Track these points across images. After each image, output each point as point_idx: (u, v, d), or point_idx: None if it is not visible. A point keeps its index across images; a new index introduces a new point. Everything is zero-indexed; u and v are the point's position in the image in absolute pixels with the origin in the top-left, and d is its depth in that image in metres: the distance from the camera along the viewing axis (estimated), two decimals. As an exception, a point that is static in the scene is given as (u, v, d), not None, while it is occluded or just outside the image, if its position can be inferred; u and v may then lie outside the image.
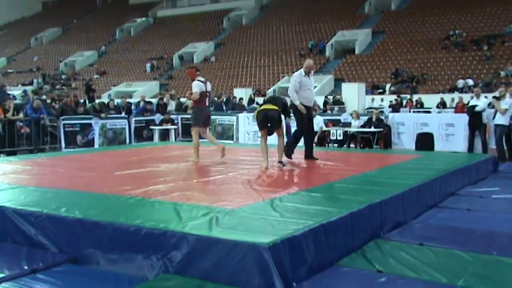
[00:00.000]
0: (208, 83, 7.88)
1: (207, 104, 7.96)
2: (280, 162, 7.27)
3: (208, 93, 7.86)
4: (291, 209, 4.35)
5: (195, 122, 7.89)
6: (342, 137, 12.70)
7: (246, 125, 15.36)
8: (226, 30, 41.50)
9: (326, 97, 23.58)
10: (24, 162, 7.77)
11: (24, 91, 28.56)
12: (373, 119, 13.03)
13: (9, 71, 42.68)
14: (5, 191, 5.30)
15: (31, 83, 36.10)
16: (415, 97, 23.72)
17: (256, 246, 3.32)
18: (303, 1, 39.92)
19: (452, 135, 12.46)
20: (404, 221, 5.09)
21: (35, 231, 4.24)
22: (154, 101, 17.90)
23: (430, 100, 23.04)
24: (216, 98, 20.60)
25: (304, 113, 7.78)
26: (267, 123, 7.05)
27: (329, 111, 19.73)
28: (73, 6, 54.46)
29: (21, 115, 12.61)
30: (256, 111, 7.31)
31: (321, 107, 20.24)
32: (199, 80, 7.67)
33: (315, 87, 26.32)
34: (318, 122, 13.32)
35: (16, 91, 28.77)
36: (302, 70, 7.98)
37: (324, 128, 13.23)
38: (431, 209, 5.72)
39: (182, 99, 18.81)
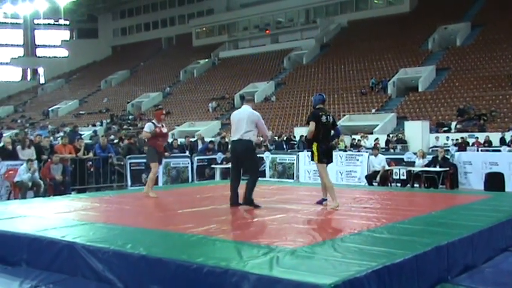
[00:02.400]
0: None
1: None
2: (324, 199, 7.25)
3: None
4: (352, 250, 4.26)
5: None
6: (405, 177, 12.36)
7: (307, 163, 15.31)
8: (286, 70, 42.04)
9: (388, 135, 23.16)
10: (92, 200, 8.09)
11: (94, 131, 30.05)
12: (439, 158, 12.63)
13: (81, 112, 45.02)
14: (75, 227, 5.54)
15: (100, 124, 37.86)
16: (483, 135, 22.82)
17: (317, 287, 3.27)
18: (364, 39, 39.95)
19: (524, 175, 11.85)
20: (474, 265, 4.84)
21: (103, 266, 4.37)
22: (216, 140, 18.25)
23: (498, 138, 22.09)
24: (276, 137, 20.74)
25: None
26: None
27: (391, 150, 19.33)
28: (140, 49, 57.20)
29: (91, 154, 13.22)
30: (317, 144, 7.04)
31: (383, 145, 19.88)
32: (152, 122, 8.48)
33: (377, 125, 25.95)
34: (380, 161, 13.10)
35: (87, 131, 30.34)
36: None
37: (387, 167, 12.96)
38: (502, 252, 5.42)
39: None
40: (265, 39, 48.69)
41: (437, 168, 12.28)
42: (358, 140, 20.83)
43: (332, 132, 7.33)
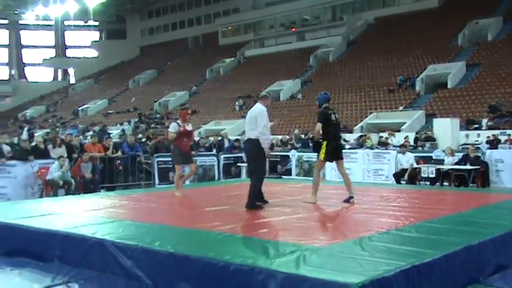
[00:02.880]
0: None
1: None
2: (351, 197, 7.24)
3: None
4: (380, 249, 4.22)
5: None
6: (434, 175, 12.16)
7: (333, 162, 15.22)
8: (312, 68, 41.82)
9: (417, 133, 22.82)
10: (121, 197, 8.22)
11: (122, 130, 30.49)
12: (470, 156, 12.39)
13: (109, 111, 45.69)
14: (105, 224, 5.63)
15: (128, 123, 38.37)
16: (515, 132, 22.27)
17: (345, 286, 3.25)
18: (391, 35, 39.43)
19: (559, 173, 11.54)
20: (506, 265, 4.73)
21: (131, 263, 4.44)
22: (241, 138, 18.31)
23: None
24: (303, 135, 20.66)
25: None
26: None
27: (420, 148, 19.05)
28: (167, 49, 57.72)
29: (119, 153, 13.42)
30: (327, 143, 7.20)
31: (411, 143, 19.60)
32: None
33: (405, 123, 25.58)
34: (408, 159, 12.92)
35: (115, 130, 30.79)
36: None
37: (415, 165, 12.78)
38: (536, 253, 5.28)
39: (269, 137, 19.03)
40: (291, 37, 48.51)
41: (468, 166, 12.05)
42: (386, 138, 20.59)
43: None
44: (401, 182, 12.55)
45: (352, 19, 45.77)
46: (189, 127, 8.63)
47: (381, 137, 20.71)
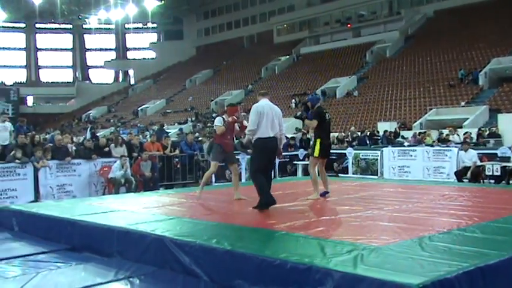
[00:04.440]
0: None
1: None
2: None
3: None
4: (441, 249, 4.09)
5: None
6: (499, 173, 11.66)
7: (391, 159, 14.90)
8: (369, 64, 41.09)
9: (480, 129, 21.94)
10: (179, 195, 8.39)
11: (180, 129, 31.14)
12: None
13: (167, 111, 46.81)
14: (164, 221, 5.78)
15: (185, 122, 39.15)
16: None
17: (405, 286, 3.17)
18: (452, 29, 38.09)
19: None
20: None
21: (189, 260, 4.52)
22: (297, 136, 18.26)
23: None
24: (359, 133, 20.35)
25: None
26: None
27: (483, 145, 18.30)
28: (223, 49, 58.45)
29: (177, 151, 13.71)
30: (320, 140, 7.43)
31: (474, 139, 18.86)
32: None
33: (467, 118, 24.64)
34: (471, 157, 12.45)
35: (173, 129, 31.51)
36: None
37: (478, 163, 12.29)
38: None
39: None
40: (346, 34, 47.87)
41: (537, 164, 11.48)
42: (447, 135, 19.92)
43: None
44: (464, 180, 12.11)
45: (411, 13, 44.61)
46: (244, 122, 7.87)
47: (441, 133, 20.06)
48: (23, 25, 63.05)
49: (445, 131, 20.65)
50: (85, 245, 5.64)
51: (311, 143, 8.06)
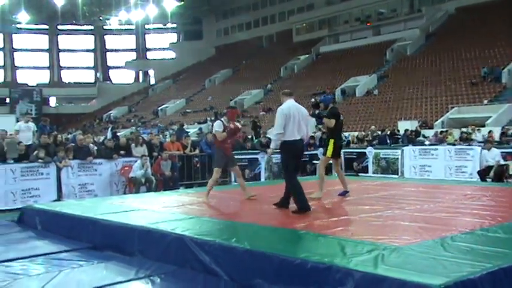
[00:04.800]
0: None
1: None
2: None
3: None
4: (464, 250, 4.04)
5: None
6: (523, 172, 11.45)
7: (412, 158, 14.74)
8: (389, 62, 40.70)
9: (503, 128, 21.57)
10: (199, 195, 8.43)
11: (200, 129, 31.29)
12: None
13: (187, 110, 47.04)
14: (184, 220, 5.81)
15: (205, 121, 39.30)
16: None
17: (426, 287, 3.14)
18: (474, 26, 37.50)
19: None
20: None
21: (209, 259, 4.54)
22: (316, 135, 18.18)
23: None
24: (379, 132, 20.19)
25: None
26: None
27: (507, 144, 17.97)
28: (242, 48, 58.49)
29: (197, 151, 13.76)
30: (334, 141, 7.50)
31: (496, 138, 18.55)
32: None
33: (490, 117, 24.25)
34: (495, 156, 12.24)
35: (192, 129, 31.67)
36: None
37: (502, 162, 12.08)
38: None
39: (345, 134, 18.79)
40: (366, 32, 47.47)
41: (562, 163, 11.24)
42: (469, 133, 19.63)
43: None
44: (487, 179, 11.91)
45: (432, 10, 44.03)
46: (238, 124, 7.94)
47: (463, 132, 19.78)
48: (45, 27, 64.00)
49: (467, 130, 20.37)
50: (106, 244, 5.70)
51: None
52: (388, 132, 20.79)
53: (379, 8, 47.97)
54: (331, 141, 7.56)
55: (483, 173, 12.23)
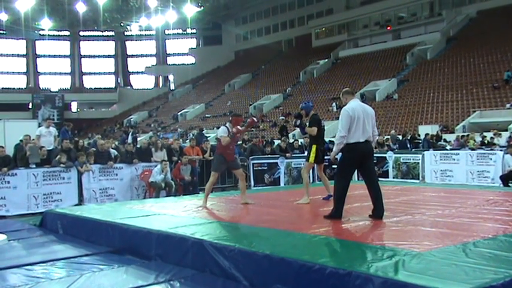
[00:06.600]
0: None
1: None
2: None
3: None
4: (487, 256, 3.97)
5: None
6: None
7: (433, 163, 14.57)
8: (409, 66, 40.36)
9: (526, 132, 21.20)
10: (218, 199, 8.46)
11: (219, 133, 31.32)
12: None
13: (206, 115, 47.27)
14: (203, 225, 5.83)
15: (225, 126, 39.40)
16: None
17: (448, 294, 3.09)
18: (496, 29, 36.96)
19: None
20: None
21: (229, 264, 4.55)
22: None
23: None
24: (400, 136, 20.01)
25: None
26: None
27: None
28: (261, 53, 58.61)
29: (216, 155, 13.80)
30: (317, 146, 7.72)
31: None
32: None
33: (512, 121, 23.74)
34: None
35: (212, 134, 31.76)
36: None
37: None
38: None
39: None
40: (386, 36, 47.18)
41: None
42: (491, 138, 19.33)
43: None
44: (510, 184, 11.71)
45: (452, 14, 43.60)
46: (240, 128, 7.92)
47: (485, 136, 19.49)
48: (67, 33, 65.05)
49: (489, 134, 20.06)
50: (127, 248, 5.75)
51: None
52: (409, 137, 20.59)
53: (399, 12, 47.66)
54: (314, 147, 7.77)
55: (506, 178, 12.01)
